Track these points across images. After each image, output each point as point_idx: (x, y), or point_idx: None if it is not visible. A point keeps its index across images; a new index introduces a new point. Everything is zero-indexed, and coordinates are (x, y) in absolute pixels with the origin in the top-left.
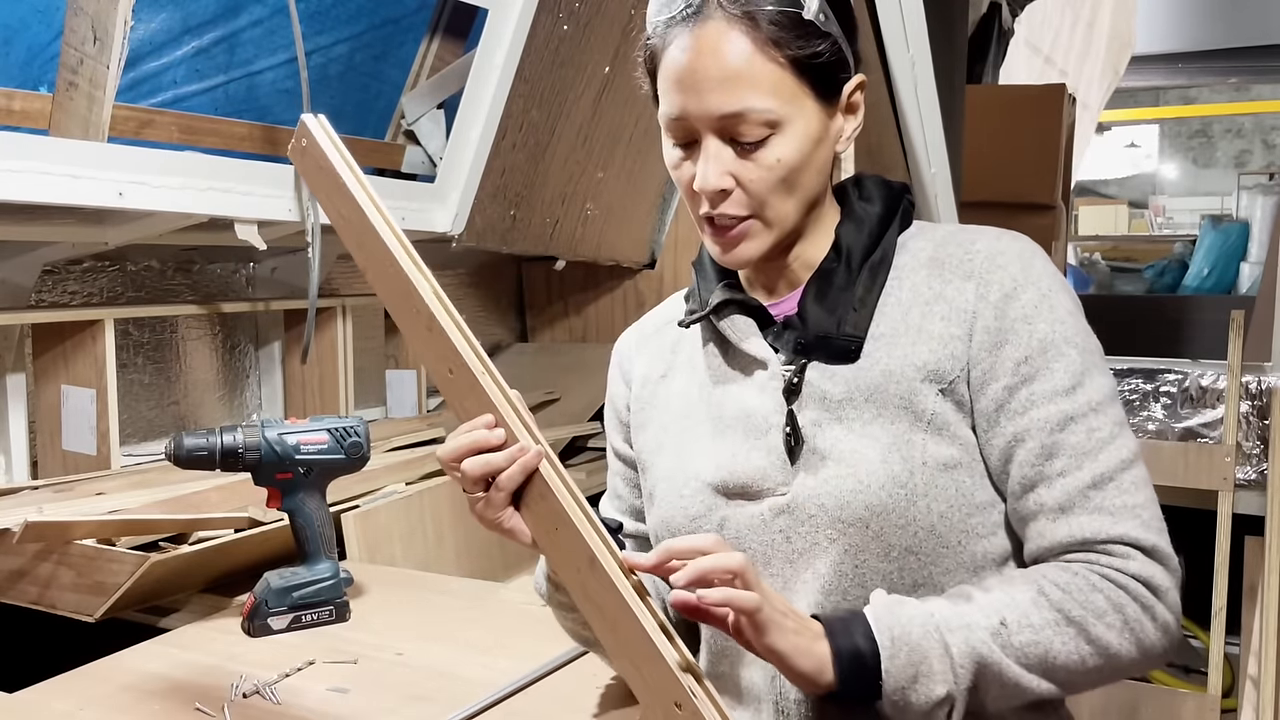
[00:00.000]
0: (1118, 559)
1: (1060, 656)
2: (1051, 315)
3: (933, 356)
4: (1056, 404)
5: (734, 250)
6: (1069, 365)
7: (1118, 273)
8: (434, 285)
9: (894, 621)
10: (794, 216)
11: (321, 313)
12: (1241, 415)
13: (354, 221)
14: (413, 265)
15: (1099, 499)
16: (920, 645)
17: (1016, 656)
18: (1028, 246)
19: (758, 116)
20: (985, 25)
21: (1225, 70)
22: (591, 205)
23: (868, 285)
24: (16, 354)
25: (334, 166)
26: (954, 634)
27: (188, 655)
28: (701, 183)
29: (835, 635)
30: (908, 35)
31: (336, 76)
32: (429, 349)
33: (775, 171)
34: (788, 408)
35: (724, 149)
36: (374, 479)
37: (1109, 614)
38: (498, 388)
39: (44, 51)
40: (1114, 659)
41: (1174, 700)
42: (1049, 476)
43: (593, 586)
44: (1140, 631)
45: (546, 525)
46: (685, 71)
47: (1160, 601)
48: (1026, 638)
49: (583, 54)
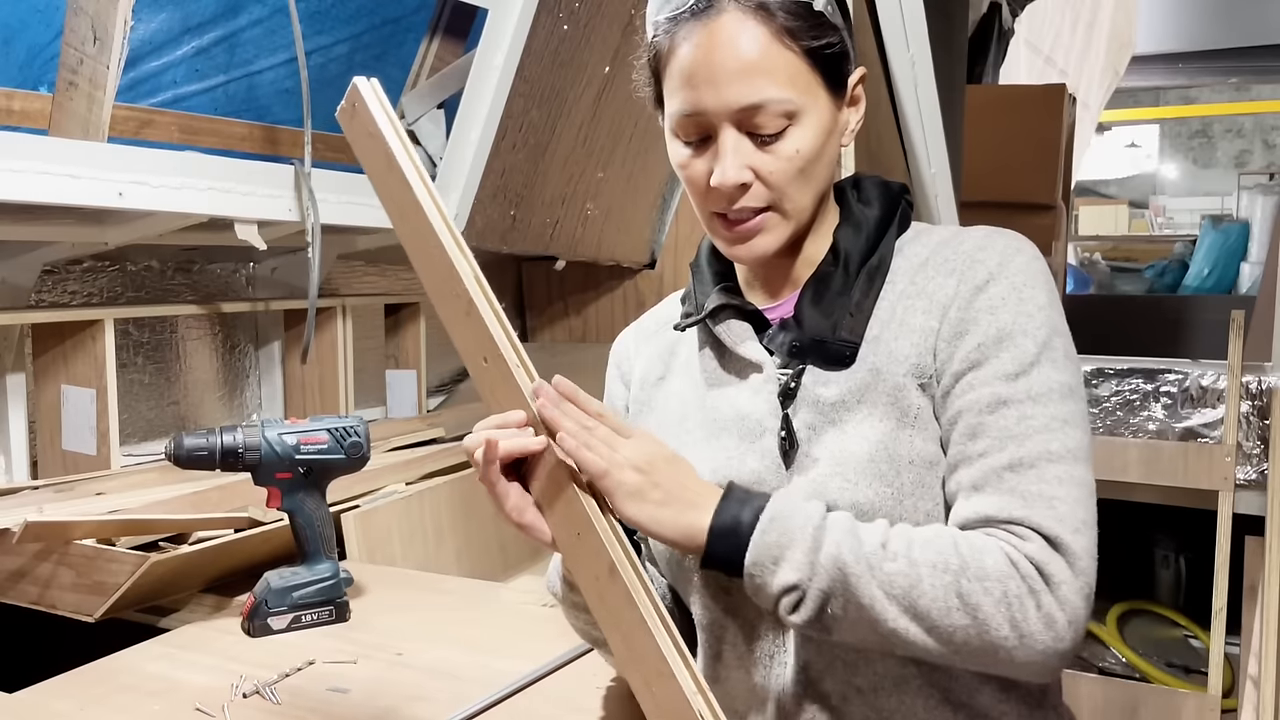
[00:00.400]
0: (1015, 538)
1: (926, 597)
2: (1018, 308)
3: (914, 350)
4: (992, 387)
5: (749, 244)
6: (1019, 354)
7: (1118, 273)
8: (475, 269)
9: (784, 506)
10: (809, 209)
11: (321, 313)
12: (1242, 415)
13: (398, 194)
14: (455, 246)
15: (1013, 481)
16: (792, 531)
17: (881, 581)
18: (1013, 242)
19: (777, 107)
20: (985, 25)
21: (1225, 70)
22: (591, 205)
23: (864, 290)
24: (16, 354)
25: (383, 134)
26: (830, 534)
27: (188, 655)
28: (720, 177)
29: (727, 503)
30: (908, 35)
31: (336, 76)
32: (465, 334)
33: (794, 163)
34: (783, 412)
35: (742, 142)
36: (374, 479)
37: (989, 579)
38: (531, 382)
39: (44, 51)
40: (983, 626)
41: (1174, 700)
42: (970, 456)
43: (610, 596)
44: (1018, 611)
45: (569, 529)
46: (700, 66)
47: (1051, 592)
48: (899, 566)
49: (583, 54)
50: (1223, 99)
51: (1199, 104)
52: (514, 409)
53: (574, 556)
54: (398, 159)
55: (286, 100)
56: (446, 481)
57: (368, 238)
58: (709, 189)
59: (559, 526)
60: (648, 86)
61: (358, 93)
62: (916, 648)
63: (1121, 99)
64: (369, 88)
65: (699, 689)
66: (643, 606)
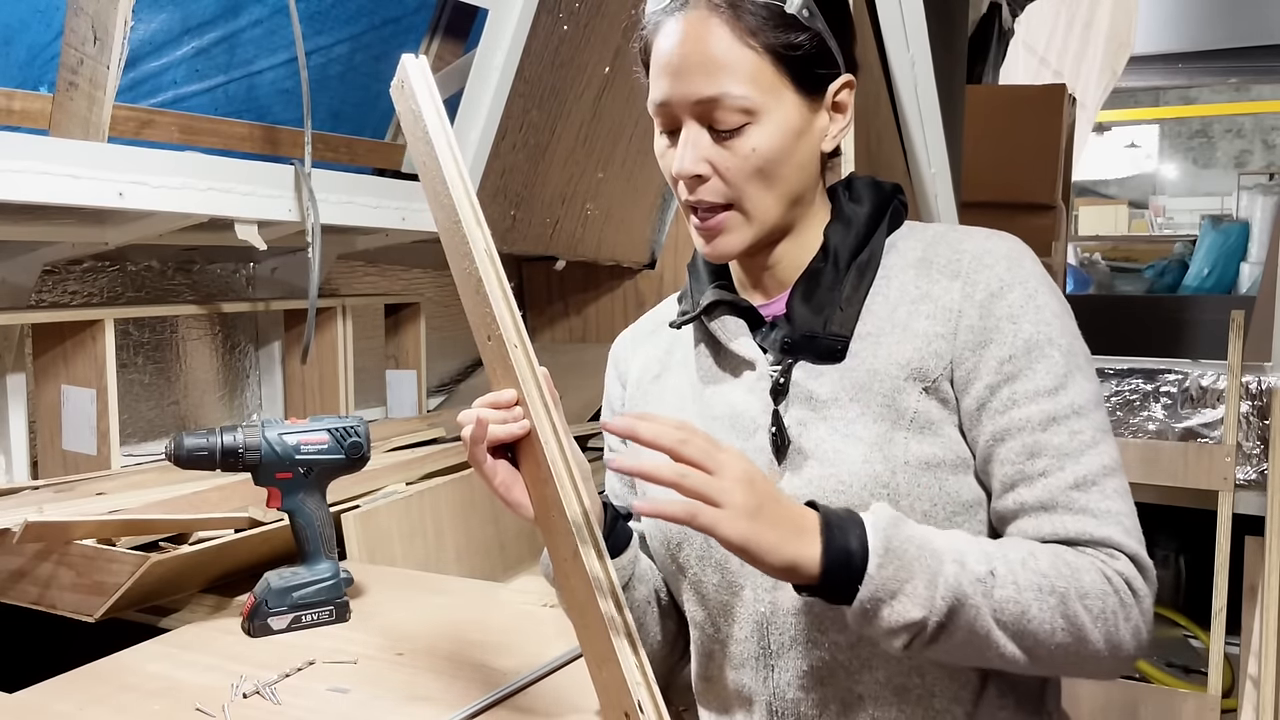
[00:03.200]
0: (1105, 555)
1: (1034, 622)
2: (1037, 315)
3: (916, 355)
4: (1038, 404)
5: (714, 242)
6: (1052, 366)
7: (1118, 273)
8: (490, 249)
9: (894, 534)
10: (774, 211)
11: (321, 313)
12: (1242, 415)
13: (431, 172)
14: (475, 224)
15: (1083, 500)
16: (911, 564)
17: (994, 609)
18: (1016, 246)
19: (734, 103)
20: (985, 25)
21: (1225, 70)
22: (591, 205)
23: (854, 285)
24: (16, 354)
25: (423, 113)
26: (946, 565)
27: (188, 655)
28: (678, 166)
29: (832, 530)
30: (908, 35)
31: (336, 76)
32: (475, 311)
33: (751, 161)
34: (774, 408)
35: (702, 135)
36: (374, 479)
37: (1090, 597)
38: (527, 363)
39: (44, 51)
40: (1083, 642)
41: (1174, 700)
42: (1030, 475)
43: (573, 577)
44: (1113, 625)
45: (543, 510)
46: (670, 57)
47: (1137, 605)
48: (1008, 593)
49: (583, 54)
50: (1223, 99)
51: (1199, 104)
52: (510, 388)
53: (550, 536)
54: (432, 138)
55: (286, 100)
56: (446, 481)
57: (368, 238)
58: (675, 178)
59: (538, 506)
60: (644, 77)
61: (406, 70)
62: (1007, 663)
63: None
64: (416, 66)
65: (644, 680)
66: (599, 592)
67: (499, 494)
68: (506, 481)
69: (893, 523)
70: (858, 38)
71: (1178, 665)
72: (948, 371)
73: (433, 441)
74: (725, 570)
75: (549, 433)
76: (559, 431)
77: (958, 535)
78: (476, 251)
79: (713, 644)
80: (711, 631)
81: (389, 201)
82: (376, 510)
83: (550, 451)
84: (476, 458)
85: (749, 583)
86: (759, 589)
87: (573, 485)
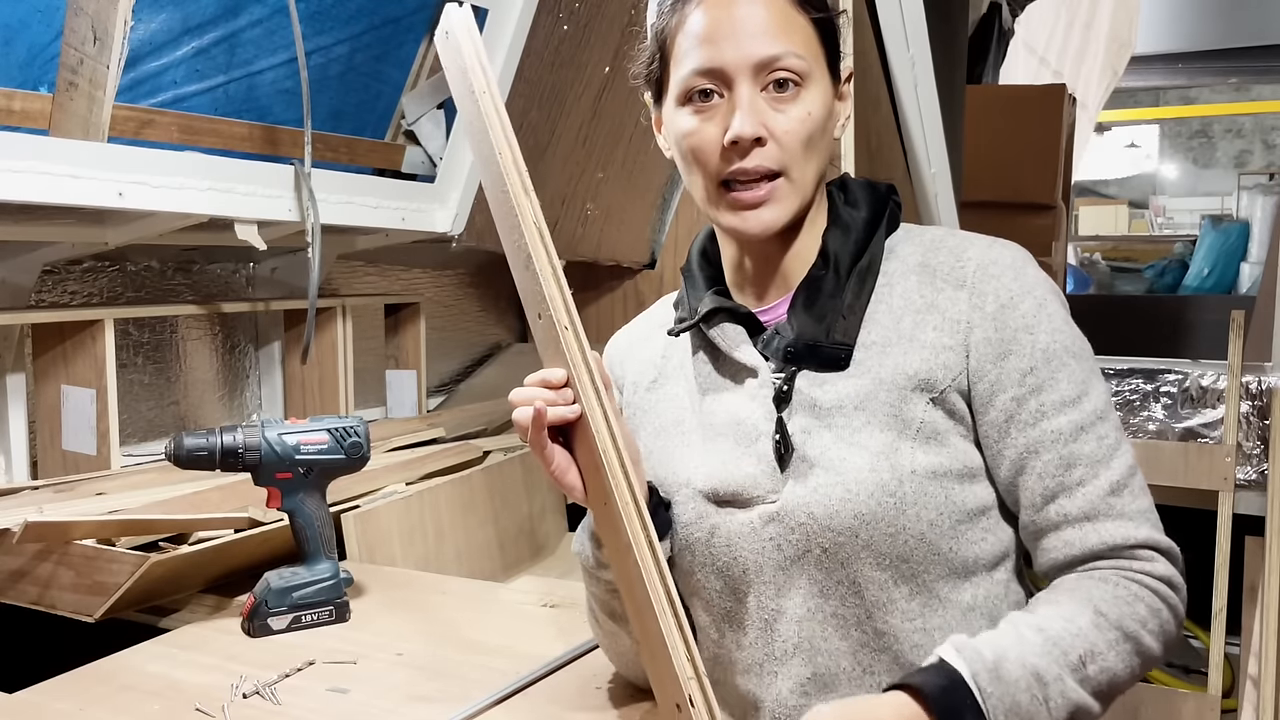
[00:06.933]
0: (1146, 563)
1: (1122, 676)
2: (1050, 324)
3: (924, 366)
4: (1066, 414)
5: (757, 213)
6: (1072, 375)
7: (1118, 273)
8: (539, 220)
9: (1003, 693)
10: (811, 186)
11: (321, 313)
12: (1242, 415)
13: (476, 130)
14: (522, 193)
15: (1119, 505)
16: (1028, 712)
17: (1094, 689)
18: (1019, 255)
19: (795, 63)
20: (985, 25)
21: (1225, 70)
22: (591, 205)
23: (856, 292)
24: (16, 354)
25: (467, 68)
26: (1052, 688)
27: (188, 655)
28: (739, 128)
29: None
30: (908, 35)
31: (336, 76)
32: (526, 286)
33: (806, 125)
34: (777, 415)
35: (758, 98)
36: (374, 479)
37: (1149, 621)
38: (577, 345)
39: (44, 51)
40: (1150, 659)
41: (1174, 700)
42: (1069, 486)
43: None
44: (1168, 629)
45: (598, 497)
46: (722, 23)
47: (1178, 598)
48: (1101, 669)
49: (583, 54)
50: (1223, 99)
51: (1199, 104)
52: (559, 367)
53: (601, 523)
54: (477, 94)
55: (286, 100)
56: (446, 481)
57: (368, 238)
58: (721, 151)
59: (590, 493)
60: (646, 72)
61: (451, 21)
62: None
63: (1121, 99)
64: (460, 17)
65: (695, 674)
66: (651, 587)
67: (554, 478)
68: (562, 466)
69: (992, 676)
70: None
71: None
72: (956, 383)
73: (433, 441)
74: (729, 576)
75: (599, 419)
76: (609, 416)
77: (1026, 623)
78: (525, 223)
79: (717, 649)
80: (716, 637)
81: (389, 201)
82: (376, 510)
83: (602, 439)
84: (537, 442)
85: (753, 589)
86: (763, 595)
87: (623, 472)
